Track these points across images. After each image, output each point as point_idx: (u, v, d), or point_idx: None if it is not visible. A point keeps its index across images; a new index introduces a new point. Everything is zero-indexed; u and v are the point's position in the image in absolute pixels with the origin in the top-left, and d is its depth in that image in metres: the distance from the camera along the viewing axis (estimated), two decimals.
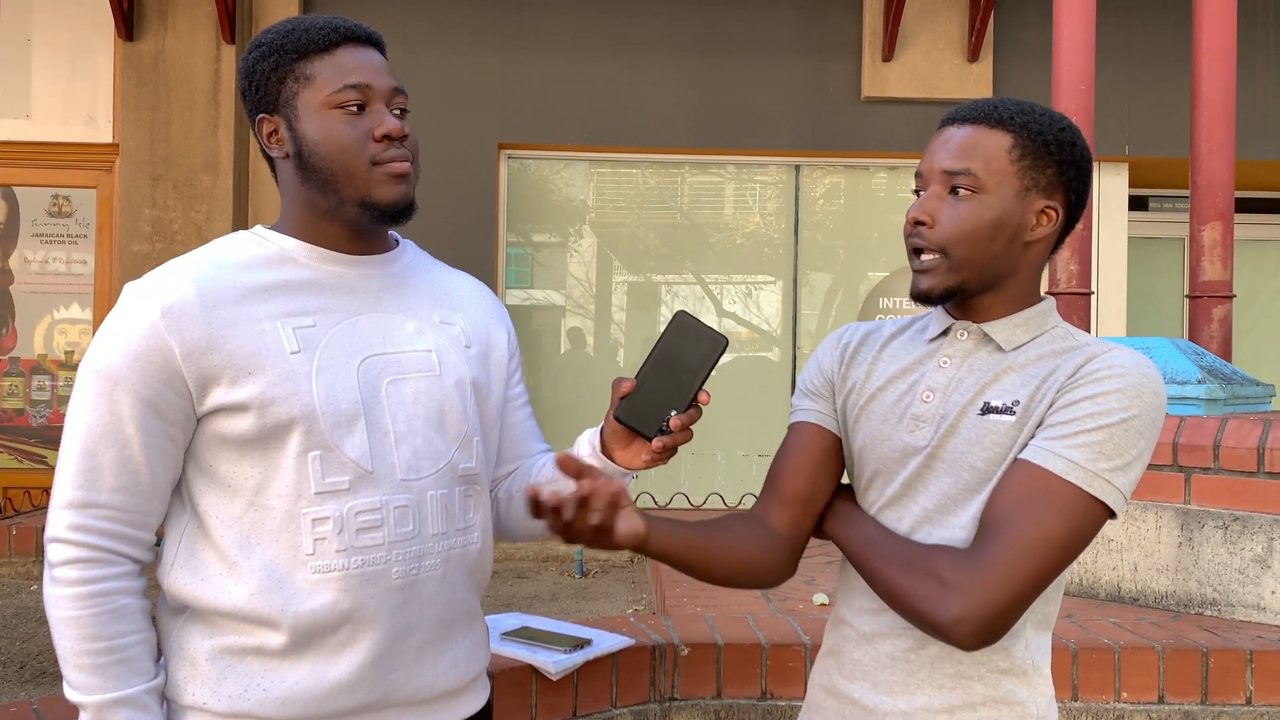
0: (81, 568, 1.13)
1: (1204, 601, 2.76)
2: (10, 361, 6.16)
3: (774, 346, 6.47)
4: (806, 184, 6.49)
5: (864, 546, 1.23)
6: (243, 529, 1.16)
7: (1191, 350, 3.23)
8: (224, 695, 1.16)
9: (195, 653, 1.17)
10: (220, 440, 1.16)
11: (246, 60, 1.24)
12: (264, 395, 1.14)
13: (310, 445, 1.15)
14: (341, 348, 1.20)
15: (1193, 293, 4.09)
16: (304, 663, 1.16)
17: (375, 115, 1.21)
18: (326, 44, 1.21)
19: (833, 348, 1.37)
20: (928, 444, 1.22)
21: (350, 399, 1.18)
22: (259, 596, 1.15)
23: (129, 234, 6.01)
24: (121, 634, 1.14)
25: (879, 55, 6.16)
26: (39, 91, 6.14)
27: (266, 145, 1.24)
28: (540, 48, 6.15)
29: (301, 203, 1.24)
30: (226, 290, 1.17)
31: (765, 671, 2.29)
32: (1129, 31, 6.18)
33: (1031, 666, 1.23)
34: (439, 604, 1.24)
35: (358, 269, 1.25)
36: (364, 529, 1.18)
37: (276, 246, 1.23)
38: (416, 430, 1.22)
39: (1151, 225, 7.15)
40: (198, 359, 1.14)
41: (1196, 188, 4.06)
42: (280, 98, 1.22)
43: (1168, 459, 2.81)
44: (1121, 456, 1.14)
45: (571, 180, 6.45)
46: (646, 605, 3.45)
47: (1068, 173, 1.23)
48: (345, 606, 1.16)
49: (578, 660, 2.12)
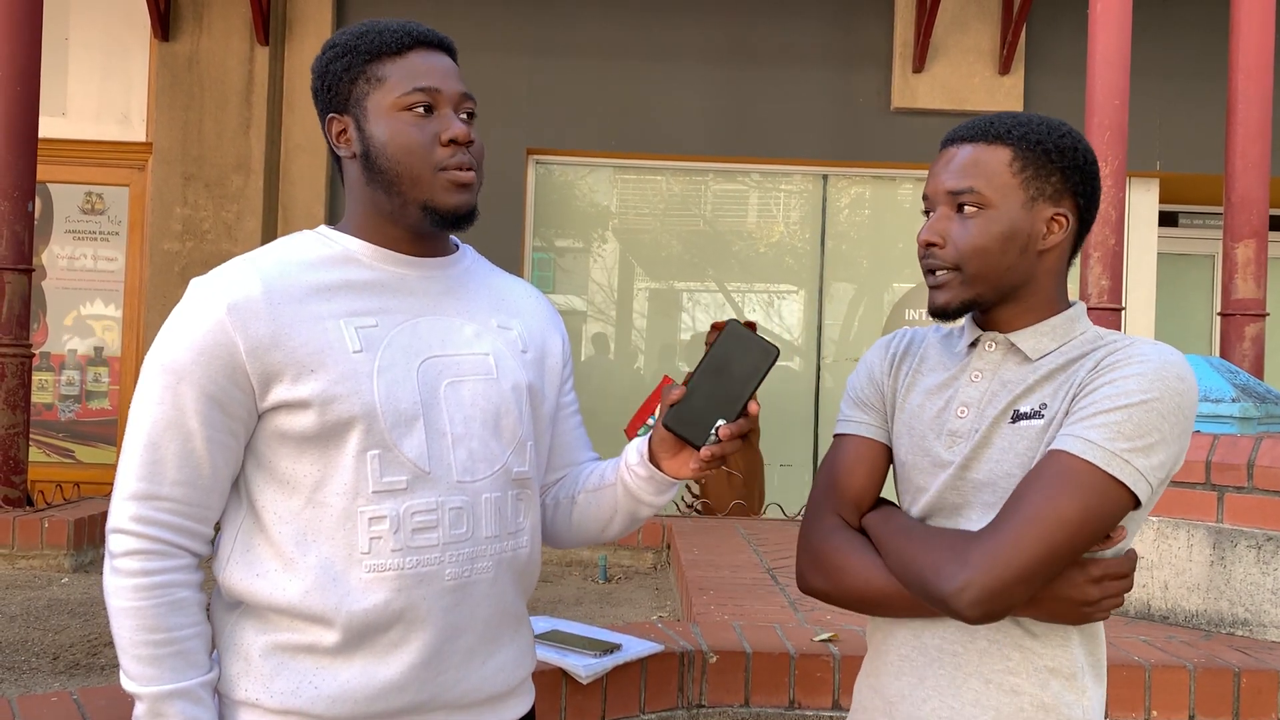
0: (143, 559, 1.14)
1: (1235, 621, 2.74)
2: (41, 357, 6.23)
3: (796, 356, 6.46)
4: (833, 194, 6.48)
5: (892, 531, 1.24)
6: (299, 526, 1.17)
7: (1225, 368, 3.21)
8: (276, 692, 1.17)
9: (249, 649, 1.18)
10: (280, 436, 1.17)
11: (320, 60, 1.26)
12: (326, 393, 1.15)
13: (370, 444, 1.16)
14: (402, 348, 1.21)
15: (1225, 310, 4.06)
16: (355, 661, 1.17)
17: (443, 119, 1.22)
18: (399, 47, 1.23)
19: (882, 355, 1.37)
20: (963, 458, 1.23)
21: (410, 399, 1.19)
22: (314, 594, 1.16)
23: (160, 232, 6.07)
24: (180, 626, 1.15)
25: (909, 66, 6.15)
26: (75, 90, 6.21)
27: (336, 145, 1.26)
28: (569, 55, 6.18)
29: (366, 203, 1.26)
30: (292, 288, 1.18)
31: (794, 681, 2.29)
32: (1163, 47, 6.15)
33: (1080, 670, 1.22)
34: (489, 607, 1.24)
35: (419, 271, 1.27)
36: (419, 529, 1.18)
37: (340, 247, 1.25)
38: (473, 433, 1.22)
39: (1181, 241, 7.11)
40: (261, 355, 1.15)
41: (1230, 205, 4.04)
42: (351, 98, 1.24)
43: (1200, 477, 2.80)
44: (1143, 438, 1.13)
45: (596, 186, 6.47)
46: (671, 612, 3.45)
47: (1072, 178, 1.23)
48: (398, 606, 1.17)
49: (608, 665, 2.12)
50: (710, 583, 3.15)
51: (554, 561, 4.22)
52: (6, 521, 3.91)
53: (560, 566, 4.20)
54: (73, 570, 3.91)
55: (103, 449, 6.32)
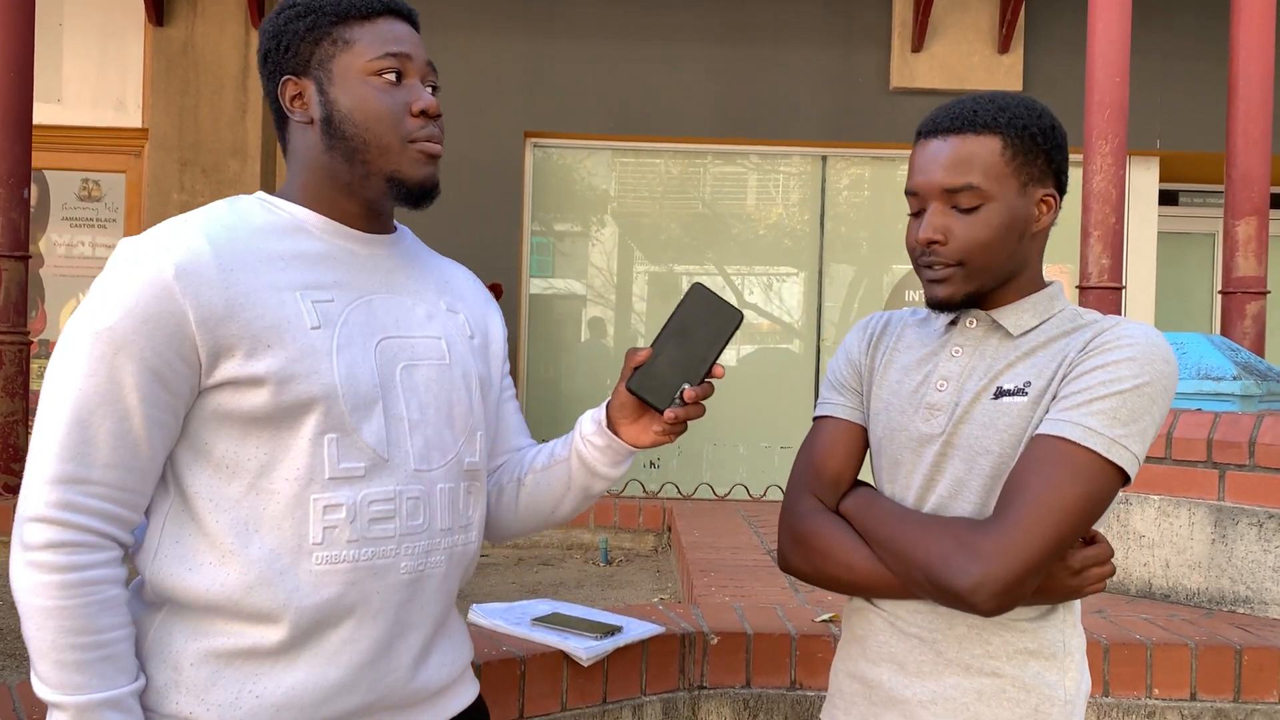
0: (68, 552, 1.01)
1: (1237, 599, 2.74)
2: (39, 344, 6.22)
3: (796, 338, 6.45)
4: (832, 175, 6.46)
5: (880, 519, 1.23)
6: (240, 514, 1.07)
7: (1226, 346, 3.20)
8: (213, 704, 1.06)
9: (178, 656, 1.07)
10: (222, 417, 1.07)
11: (275, 19, 1.17)
12: (283, 371, 1.06)
13: (327, 427, 1.08)
14: (359, 326, 1.13)
15: (1226, 288, 4.05)
16: (300, 663, 1.08)
17: (412, 89, 1.16)
18: (368, 11, 1.16)
19: (859, 337, 1.38)
20: (942, 431, 1.23)
21: (369, 381, 1.11)
22: (257, 589, 1.06)
23: (157, 218, 6.04)
24: (109, 628, 1.03)
25: (908, 46, 6.12)
26: (70, 76, 6.18)
27: (289, 109, 1.17)
28: (567, 36, 6.15)
29: (319, 172, 1.17)
30: (244, 254, 1.08)
31: (795, 662, 2.29)
32: (1163, 24, 6.11)
33: (1062, 649, 1.23)
34: (438, 602, 1.18)
35: (369, 248, 1.19)
36: (376, 519, 1.11)
37: (289, 215, 1.16)
38: (428, 419, 1.16)
39: (1182, 220, 7.08)
40: (214, 326, 1.04)
41: (1231, 183, 4.02)
42: (312, 60, 1.15)
43: (1202, 455, 2.79)
44: (1136, 423, 1.15)
45: (595, 169, 6.44)
46: (672, 594, 3.45)
47: (1056, 157, 1.24)
48: (350, 600, 1.09)
49: (609, 647, 2.12)
50: (711, 565, 3.15)
51: (555, 545, 4.22)
52: (7, 508, 3.91)
53: (561, 550, 4.21)
54: None
55: None
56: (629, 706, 2.19)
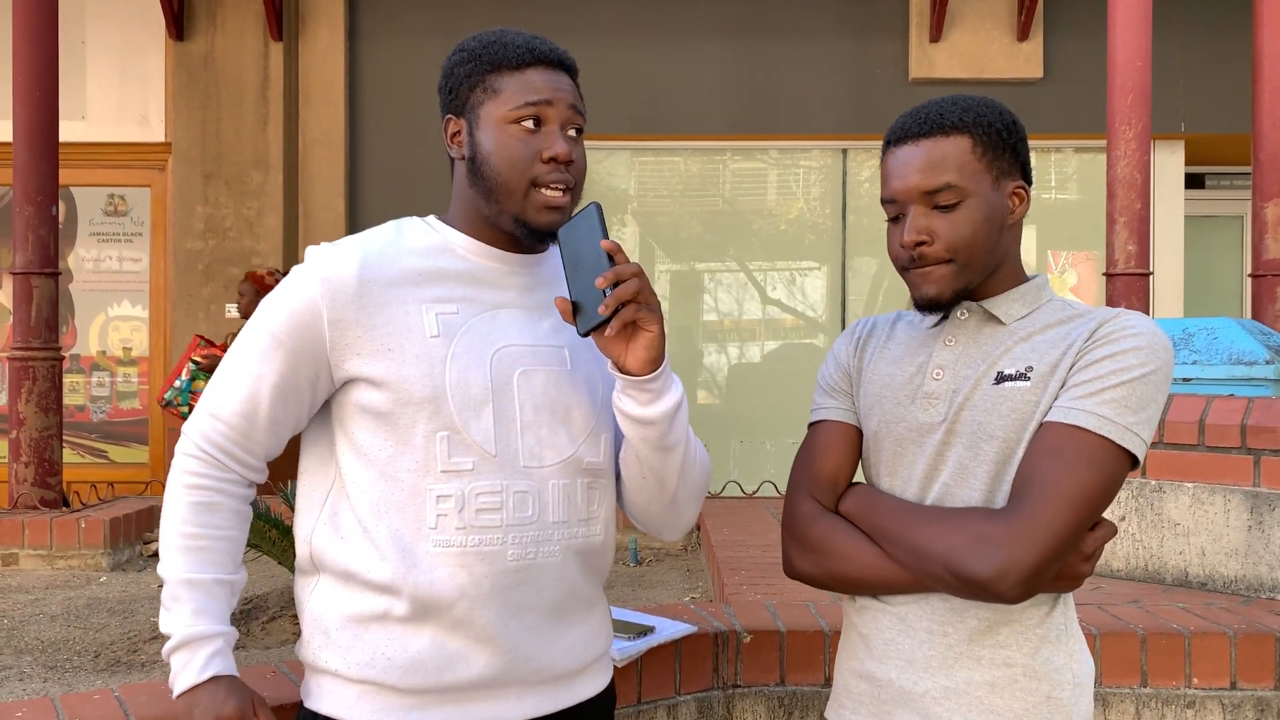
0: (191, 461, 1.26)
1: (1275, 586, 2.71)
2: (71, 359, 6.30)
3: (821, 333, 6.43)
4: (853, 167, 6.43)
5: (889, 516, 1.25)
6: (374, 496, 1.23)
7: (1258, 330, 3.16)
8: (353, 663, 1.23)
9: (327, 622, 1.25)
10: (359, 409, 1.24)
11: (448, 62, 1.34)
12: (399, 373, 1.22)
13: (438, 426, 1.22)
14: (479, 336, 1.26)
15: (1256, 271, 4.00)
16: (425, 633, 1.23)
17: (548, 136, 1.27)
18: (519, 62, 1.28)
19: (847, 341, 1.42)
20: (943, 418, 1.26)
21: (480, 385, 1.24)
22: (386, 563, 1.22)
23: (182, 231, 6.11)
24: (208, 525, 1.25)
25: (926, 36, 6.08)
26: (94, 93, 6.26)
27: (448, 144, 1.33)
28: (582, 36, 6.15)
29: (468, 203, 1.33)
30: (386, 271, 1.26)
31: (828, 659, 2.28)
32: (1185, 5, 6.04)
33: (1065, 632, 1.26)
34: (556, 589, 1.28)
35: (509, 266, 1.33)
36: (483, 509, 1.23)
37: (441, 237, 1.32)
38: (542, 420, 1.27)
39: (1208, 203, 7.00)
40: (343, 329, 1.23)
41: (1259, 164, 3.97)
42: (468, 104, 1.30)
43: (1236, 441, 2.76)
44: (1145, 410, 1.19)
45: (614, 169, 6.45)
46: (703, 593, 3.45)
47: (1021, 151, 1.28)
48: (460, 580, 1.22)
49: (642, 647, 2.12)
50: (741, 563, 3.15)
51: None
52: (44, 523, 3.96)
53: None
54: (110, 569, 3.96)
55: (135, 449, 6.39)
56: (664, 706, 2.19)
